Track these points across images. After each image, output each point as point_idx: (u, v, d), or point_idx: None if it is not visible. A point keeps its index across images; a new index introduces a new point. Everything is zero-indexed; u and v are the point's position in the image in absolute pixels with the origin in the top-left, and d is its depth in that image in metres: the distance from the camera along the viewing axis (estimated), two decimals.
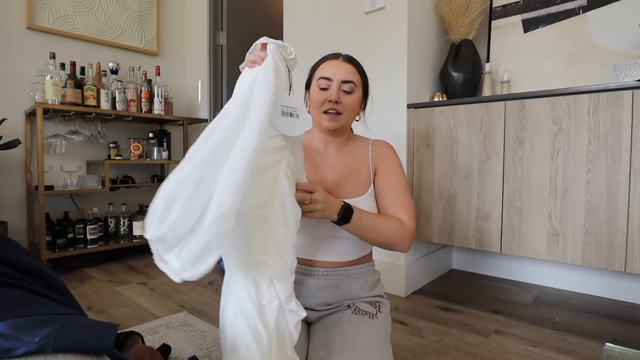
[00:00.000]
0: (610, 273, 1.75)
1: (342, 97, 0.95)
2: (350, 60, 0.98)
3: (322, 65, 0.98)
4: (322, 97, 0.95)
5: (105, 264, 2.31)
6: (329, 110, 0.94)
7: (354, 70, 0.97)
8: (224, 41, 2.92)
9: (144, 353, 1.06)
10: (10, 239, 0.64)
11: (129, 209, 2.66)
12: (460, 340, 1.34)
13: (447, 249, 2.19)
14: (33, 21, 2.29)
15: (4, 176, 2.22)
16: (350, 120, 1.00)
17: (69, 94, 2.17)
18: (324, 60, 0.99)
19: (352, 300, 0.96)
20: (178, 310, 1.58)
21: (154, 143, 2.61)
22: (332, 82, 0.94)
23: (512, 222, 1.57)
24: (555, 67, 1.82)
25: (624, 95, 1.32)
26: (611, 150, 1.35)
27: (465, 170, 1.69)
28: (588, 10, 1.74)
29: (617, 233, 1.34)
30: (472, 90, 1.91)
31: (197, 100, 3.00)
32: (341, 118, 0.95)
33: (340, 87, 0.94)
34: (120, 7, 2.67)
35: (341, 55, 0.99)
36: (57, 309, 0.53)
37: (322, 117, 0.96)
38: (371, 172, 1.00)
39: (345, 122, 0.98)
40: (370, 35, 1.88)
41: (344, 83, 0.94)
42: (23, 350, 0.42)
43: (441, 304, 1.69)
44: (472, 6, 1.90)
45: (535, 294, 1.81)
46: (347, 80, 0.94)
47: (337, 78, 0.94)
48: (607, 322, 1.51)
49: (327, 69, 0.96)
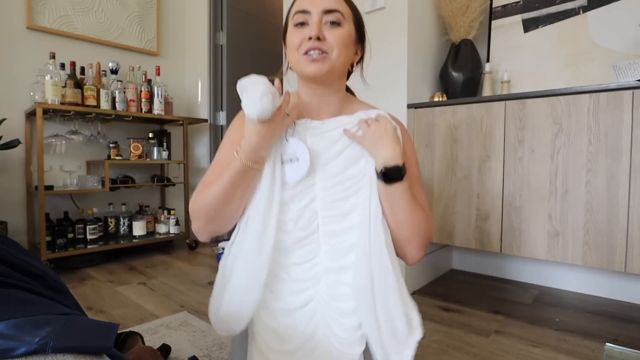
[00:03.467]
0: (610, 273, 1.75)
1: (327, 31, 0.72)
2: None
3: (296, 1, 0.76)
4: (300, 36, 0.72)
5: (105, 264, 2.31)
6: (309, 51, 0.71)
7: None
8: (224, 41, 2.92)
9: (144, 353, 1.05)
10: (10, 239, 0.64)
11: (129, 209, 2.66)
12: (460, 340, 1.34)
13: (447, 249, 2.19)
14: (33, 21, 2.29)
15: (4, 176, 2.22)
16: (342, 62, 0.75)
17: (69, 94, 2.17)
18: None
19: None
20: (178, 310, 1.58)
21: (154, 143, 2.61)
22: (310, 15, 0.72)
23: (512, 222, 1.57)
24: (555, 67, 1.82)
25: (624, 95, 1.32)
26: (611, 150, 1.35)
27: (465, 170, 1.69)
28: (588, 10, 1.74)
29: (617, 233, 1.34)
30: (472, 90, 1.91)
31: (197, 100, 3.00)
32: (328, 58, 0.72)
33: (323, 19, 0.72)
34: (120, 7, 2.67)
35: None
36: (57, 309, 0.53)
37: (302, 61, 0.73)
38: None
39: (335, 65, 0.73)
40: (370, 36, 1.87)
41: (327, 13, 0.72)
42: (23, 350, 0.42)
43: (441, 304, 1.69)
44: (472, 6, 1.90)
45: (535, 294, 1.81)
46: (331, 10, 0.72)
47: (316, 9, 0.71)
48: (607, 322, 1.51)
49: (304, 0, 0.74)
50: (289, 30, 0.76)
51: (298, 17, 0.73)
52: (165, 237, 2.59)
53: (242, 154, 0.70)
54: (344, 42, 0.73)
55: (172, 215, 2.65)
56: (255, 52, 3.10)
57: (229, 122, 2.95)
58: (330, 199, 0.74)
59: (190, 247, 2.69)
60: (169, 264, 2.33)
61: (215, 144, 2.97)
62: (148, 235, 2.54)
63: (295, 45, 0.74)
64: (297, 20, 0.74)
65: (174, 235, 2.63)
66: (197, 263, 2.37)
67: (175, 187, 2.93)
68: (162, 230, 2.62)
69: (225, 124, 2.95)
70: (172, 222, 2.63)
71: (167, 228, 2.63)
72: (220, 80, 2.95)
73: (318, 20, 0.72)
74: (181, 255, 2.56)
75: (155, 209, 2.82)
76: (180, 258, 2.48)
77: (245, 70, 2.98)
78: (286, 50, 0.78)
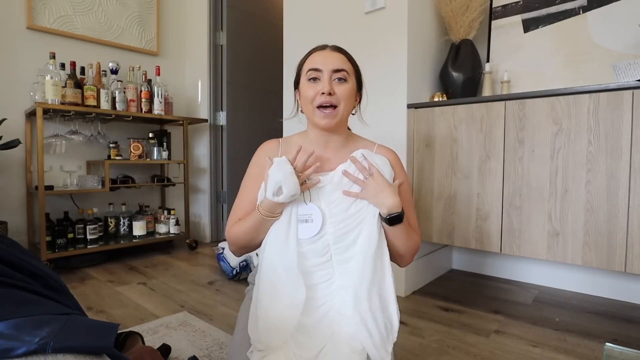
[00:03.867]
0: (610, 273, 1.75)
1: (336, 87, 0.88)
2: (339, 49, 0.92)
3: (309, 57, 0.92)
4: (313, 90, 0.88)
5: (105, 264, 2.32)
6: (323, 104, 0.87)
7: (344, 58, 0.91)
8: (224, 41, 2.92)
9: (144, 353, 1.05)
10: (10, 239, 0.64)
11: (129, 209, 2.66)
12: (460, 340, 1.34)
13: (447, 249, 2.19)
14: (33, 21, 2.29)
15: (4, 176, 2.23)
16: (347, 112, 0.93)
17: (69, 94, 2.17)
18: (311, 53, 0.93)
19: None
20: (178, 310, 1.58)
21: (154, 143, 2.61)
22: (322, 72, 0.88)
23: (512, 222, 1.57)
24: (555, 67, 1.82)
25: (624, 95, 1.32)
26: (611, 150, 1.35)
27: (465, 170, 1.69)
28: (588, 10, 1.74)
29: (617, 233, 1.34)
30: (472, 90, 1.91)
31: (197, 100, 3.00)
32: (337, 112, 0.89)
33: (332, 76, 0.88)
34: (120, 7, 2.67)
35: (328, 45, 0.93)
36: (57, 309, 0.53)
37: (316, 115, 0.89)
38: None
39: (342, 116, 0.90)
40: (370, 35, 1.88)
41: (336, 72, 0.88)
42: (23, 350, 0.42)
43: (441, 304, 1.69)
44: (472, 6, 1.90)
45: (535, 294, 1.81)
46: (339, 69, 0.88)
47: (327, 68, 0.87)
48: (607, 322, 1.51)
49: (316, 60, 0.89)
50: (303, 83, 0.92)
51: (311, 74, 0.89)
52: (165, 237, 2.59)
53: (262, 210, 0.85)
54: (349, 96, 0.90)
55: (172, 215, 2.65)
56: (255, 52, 3.10)
57: (229, 122, 2.95)
58: (338, 234, 0.87)
59: (190, 247, 2.69)
60: (169, 264, 2.33)
61: (215, 144, 2.97)
62: (148, 235, 2.54)
63: (309, 98, 0.89)
64: (311, 76, 0.89)
65: (174, 235, 2.63)
66: (197, 263, 2.37)
67: (175, 187, 2.93)
68: (162, 230, 2.62)
69: (225, 124, 2.95)
70: (172, 222, 2.63)
71: (167, 228, 2.63)
72: (220, 80, 2.95)
73: (329, 77, 0.88)
74: (181, 255, 2.56)
75: (155, 209, 2.82)
76: (180, 258, 2.48)
77: (245, 70, 3.00)
78: (299, 98, 0.95)
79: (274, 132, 1.70)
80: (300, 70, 0.94)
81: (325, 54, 0.90)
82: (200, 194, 3.01)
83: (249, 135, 3.09)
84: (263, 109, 3.17)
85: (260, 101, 3.15)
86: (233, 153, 3.00)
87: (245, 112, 3.06)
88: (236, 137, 3.01)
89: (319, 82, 0.88)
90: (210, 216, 2.97)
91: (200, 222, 3.02)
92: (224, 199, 3.00)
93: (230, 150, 2.99)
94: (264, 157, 0.95)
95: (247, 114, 3.07)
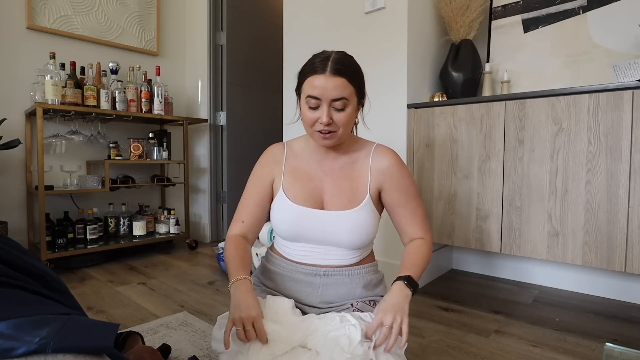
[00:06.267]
0: (610, 273, 1.75)
1: (335, 115, 0.87)
2: (339, 71, 0.85)
3: (308, 79, 0.88)
4: (313, 117, 0.88)
5: (105, 264, 2.31)
6: (322, 130, 0.89)
7: (344, 82, 0.86)
8: (224, 41, 2.92)
9: (144, 353, 1.05)
10: (10, 239, 0.64)
11: (129, 209, 2.66)
12: (460, 340, 1.34)
13: (447, 249, 2.19)
14: (33, 21, 2.29)
15: (4, 176, 2.23)
16: (347, 132, 0.93)
17: (69, 94, 2.17)
18: (311, 73, 0.87)
19: (355, 299, 0.97)
20: (178, 310, 1.58)
21: (154, 143, 2.61)
22: (321, 101, 0.86)
23: (512, 222, 1.57)
24: (555, 67, 1.82)
25: (624, 95, 1.32)
26: (611, 150, 1.35)
27: (465, 170, 1.70)
28: (588, 10, 1.74)
29: (617, 233, 1.34)
30: (472, 90, 1.91)
31: (197, 100, 3.00)
32: (336, 135, 0.90)
33: (331, 105, 0.87)
34: (120, 7, 2.67)
35: (328, 65, 0.85)
36: (57, 309, 0.53)
37: (315, 136, 0.91)
38: (369, 183, 0.96)
39: (341, 137, 0.91)
40: (370, 35, 1.88)
41: (335, 101, 0.86)
42: (23, 350, 0.42)
43: (441, 304, 1.69)
44: (472, 6, 1.90)
45: (535, 294, 1.81)
46: (338, 98, 0.86)
47: (326, 97, 0.85)
48: (607, 322, 1.51)
49: (315, 86, 0.85)
50: (302, 103, 0.91)
51: (310, 101, 0.88)
52: (165, 237, 2.59)
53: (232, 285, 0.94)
54: (348, 121, 0.90)
55: (172, 215, 2.65)
56: (256, 52, 3.10)
57: (228, 122, 2.95)
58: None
59: (190, 247, 2.69)
60: (169, 264, 2.33)
61: (215, 144, 2.97)
62: (148, 235, 2.54)
63: (309, 122, 0.90)
64: (310, 103, 0.88)
65: (174, 235, 2.63)
66: (197, 263, 2.37)
67: (175, 187, 2.93)
68: (162, 230, 2.62)
69: (225, 124, 2.95)
70: (172, 222, 2.63)
71: (167, 228, 2.63)
72: (220, 80, 2.95)
73: (328, 108, 0.87)
74: (181, 255, 2.56)
75: (155, 209, 2.82)
76: (180, 258, 2.48)
77: (245, 70, 3.00)
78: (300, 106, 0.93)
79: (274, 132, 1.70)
80: (301, 86, 0.91)
81: (325, 80, 0.85)
82: (200, 194, 3.01)
83: (249, 135, 3.09)
84: (263, 109, 3.17)
85: (260, 101, 3.15)
86: (233, 153, 3.00)
87: (246, 112, 3.06)
88: (236, 137, 3.01)
89: (318, 110, 0.88)
90: (210, 216, 2.97)
91: (200, 222, 3.02)
92: (224, 199, 3.00)
93: (230, 150, 2.99)
94: (270, 159, 1.01)
95: (247, 114, 3.07)
